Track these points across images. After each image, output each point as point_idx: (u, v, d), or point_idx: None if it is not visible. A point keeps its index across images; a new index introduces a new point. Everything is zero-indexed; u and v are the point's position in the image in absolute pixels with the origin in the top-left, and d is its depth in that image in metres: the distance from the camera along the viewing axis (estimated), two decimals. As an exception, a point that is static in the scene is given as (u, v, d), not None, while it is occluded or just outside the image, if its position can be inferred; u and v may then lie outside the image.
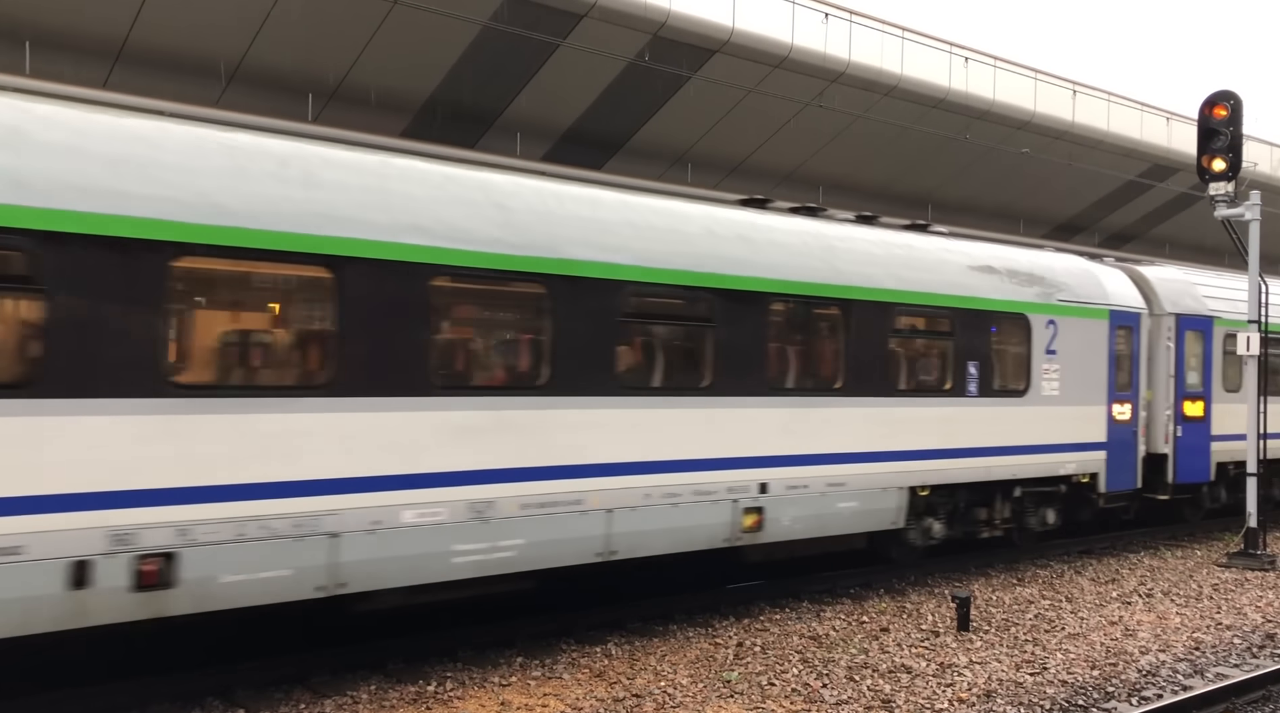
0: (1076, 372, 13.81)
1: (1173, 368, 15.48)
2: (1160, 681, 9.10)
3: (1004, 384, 12.97)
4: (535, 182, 9.71)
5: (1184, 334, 15.62)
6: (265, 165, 7.78)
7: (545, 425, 8.99)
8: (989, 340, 12.74)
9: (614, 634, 10.03)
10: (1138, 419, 14.73)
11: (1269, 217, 17.50)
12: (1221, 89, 15.03)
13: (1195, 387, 15.81)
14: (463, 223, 8.66)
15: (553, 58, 17.87)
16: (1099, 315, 14.27)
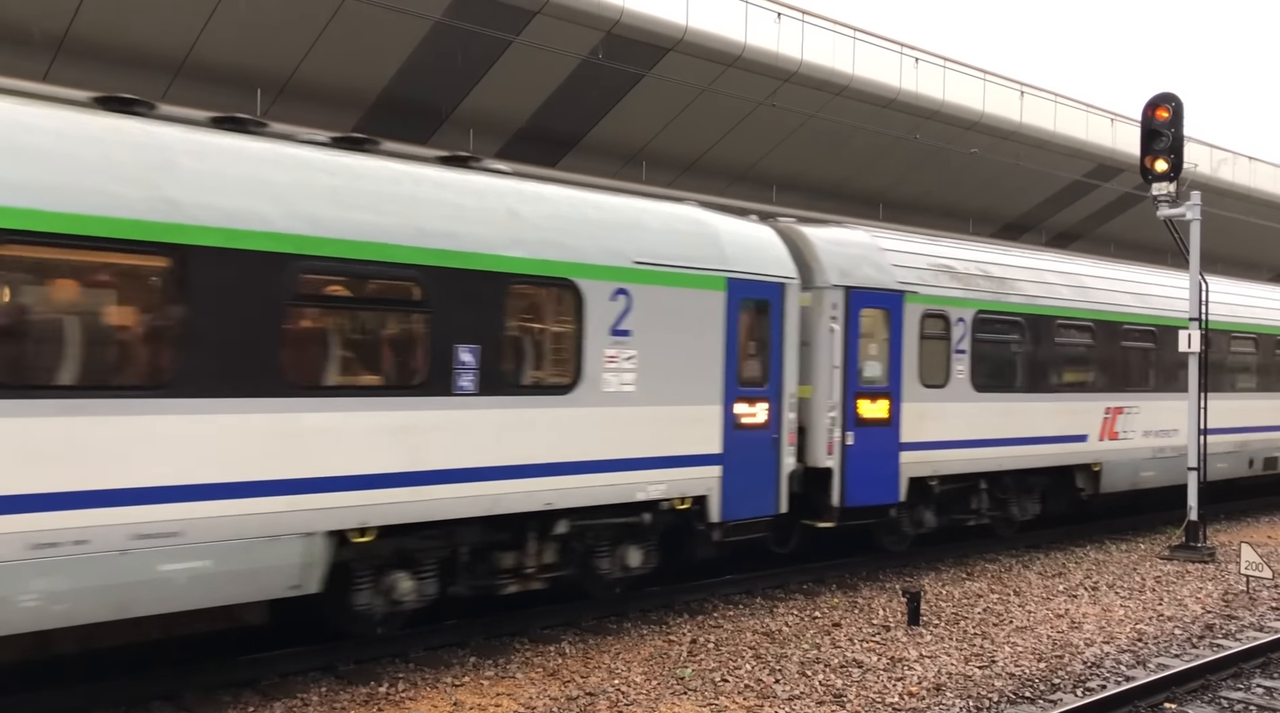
0: (669, 360, 10.15)
1: (839, 357, 12.00)
2: (1104, 672, 9.28)
3: (532, 377, 9.27)
4: None
5: (857, 313, 12.21)
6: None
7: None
8: (498, 314, 8.89)
9: (568, 633, 10.02)
10: (781, 423, 11.26)
11: (1209, 216, 17.89)
12: (1163, 91, 15.29)
13: (876, 381, 12.45)
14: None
15: (505, 54, 17.78)
16: (710, 285, 10.57)
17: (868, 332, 12.40)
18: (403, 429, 8.35)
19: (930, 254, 13.73)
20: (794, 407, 11.47)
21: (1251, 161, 31.96)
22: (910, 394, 12.75)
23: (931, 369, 13.11)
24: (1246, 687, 9.00)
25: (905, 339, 12.75)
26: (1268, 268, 37.76)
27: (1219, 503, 18.77)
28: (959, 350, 13.43)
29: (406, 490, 8.38)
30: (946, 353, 13.29)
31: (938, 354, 13.22)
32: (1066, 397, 14.89)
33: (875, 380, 12.43)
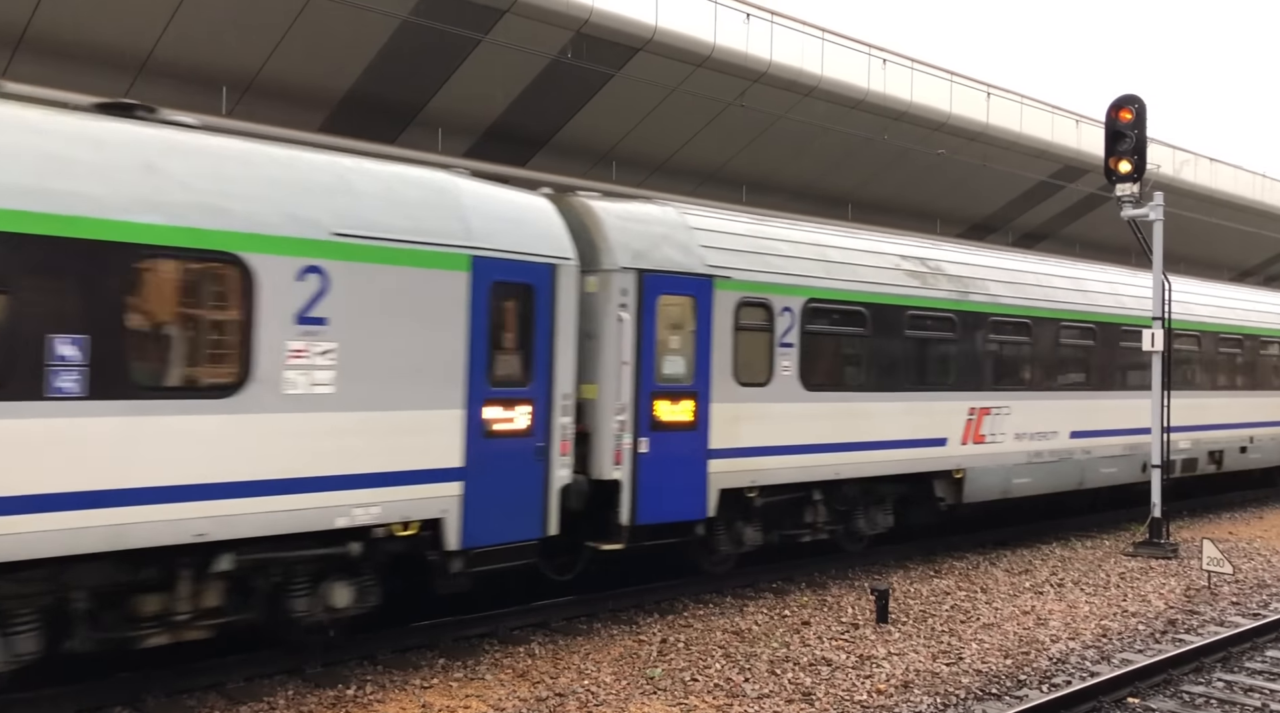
0: (386, 356, 8.42)
1: (630, 351, 10.25)
2: (1069, 668, 9.38)
3: (176, 377, 7.38)
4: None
5: (654, 300, 10.51)
6: None
7: None
8: (120, 297, 7.05)
9: (538, 634, 10.00)
10: (549, 429, 9.47)
11: (1171, 217, 18.13)
12: (1127, 93, 15.48)
13: (678, 379, 10.70)
14: None
15: (474, 53, 17.70)
16: (448, 264, 8.82)
17: (669, 322, 10.72)
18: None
19: (752, 234, 12.03)
20: (570, 410, 9.72)
21: (1213, 163, 32.42)
22: (722, 394, 11.12)
23: (750, 365, 11.45)
24: (1208, 681, 9.12)
25: (716, 331, 11.07)
26: (1228, 268, 38.32)
27: (1182, 500, 19.03)
28: (785, 344, 11.79)
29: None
30: (769, 347, 11.64)
31: (758, 348, 11.54)
32: (921, 396, 13.36)
33: (677, 378, 10.73)
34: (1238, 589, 12.81)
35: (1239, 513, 19.46)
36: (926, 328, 13.55)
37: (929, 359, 13.62)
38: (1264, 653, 10.02)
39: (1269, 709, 8.38)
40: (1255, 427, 19.66)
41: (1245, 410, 19.45)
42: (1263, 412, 19.81)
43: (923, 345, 13.55)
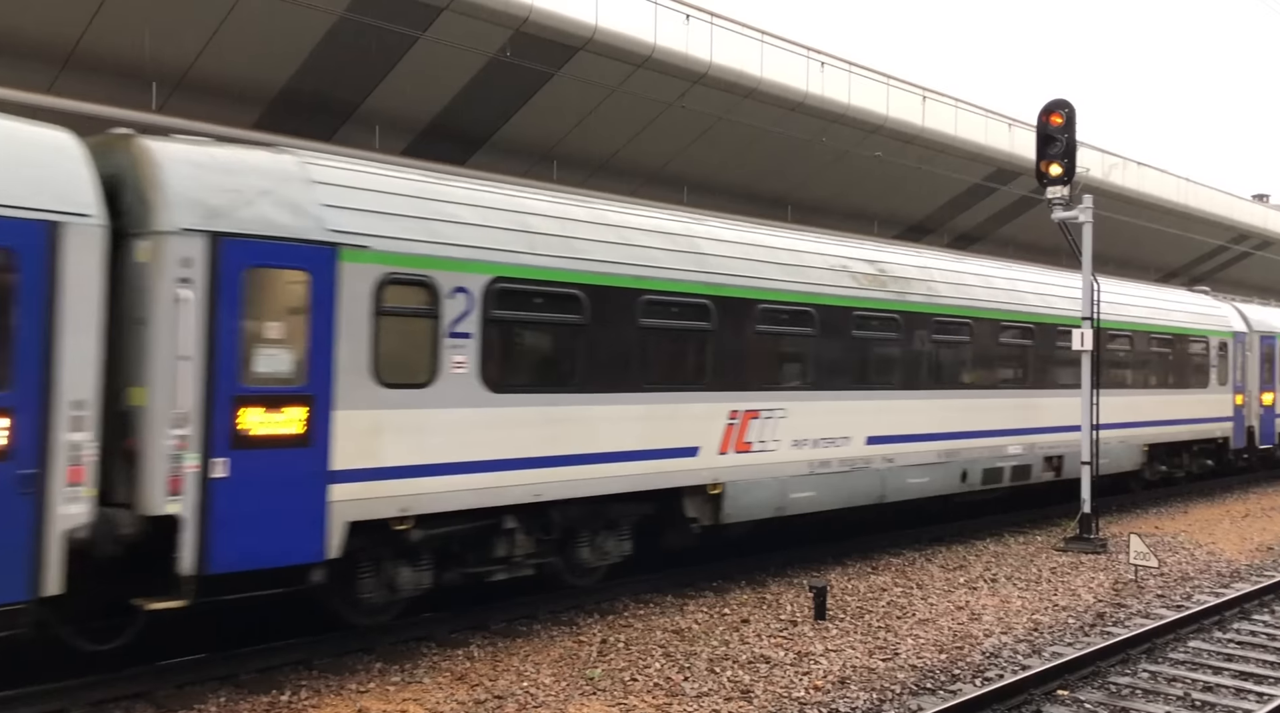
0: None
1: (194, 342, 7.79)
2: (1002, 661, 9.56)
3: None
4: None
5: (239, 274, 8.04)
6: None
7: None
8: None
9: (477, 636, 9.93)
10: (44, 450, 7.10)
11: (1100, 219, 18.55)
12: (1057, 98, 15.82)
13: (281, 379, 8.30)
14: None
15: (412, 51, 17.53)
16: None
17: (267, 304, 8.24)
18: None
19: (411, 193, 9.44)
20: (84, 422, 7.25)
21: (1140, 166, 33.29)
22: (354, 398, 8.60)
23: (402, 362, 9.02)
24: (1134, 672, 9.36)
25: (343, 316, 8.55)
26: (1155, 269, 39.37)
27: (1110, 496, 19.49)
28: (457, 334, 9.36)
29: None
30: (433, 338, 9.20)
31: (416, 340, 9.14)
32: (663, 398, 11.03)
33: (279, 379, 8.24)
34: (1163, 582, 13.16)
35: (1165, 508, 19.98)
36: (670, 316, 11.14)
37: (675, 354, 11.35)
38: (1186, 644, 10.31)
39: (1190, 698, 8.63)
40: (1104, 429, 17.65)
41: (1101, 412, 17.81)
42: (1112, 413, 17.79)
43: (665, 337, 11.16)
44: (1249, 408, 23.08)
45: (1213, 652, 10.09)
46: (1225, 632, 10.87)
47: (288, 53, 17.03)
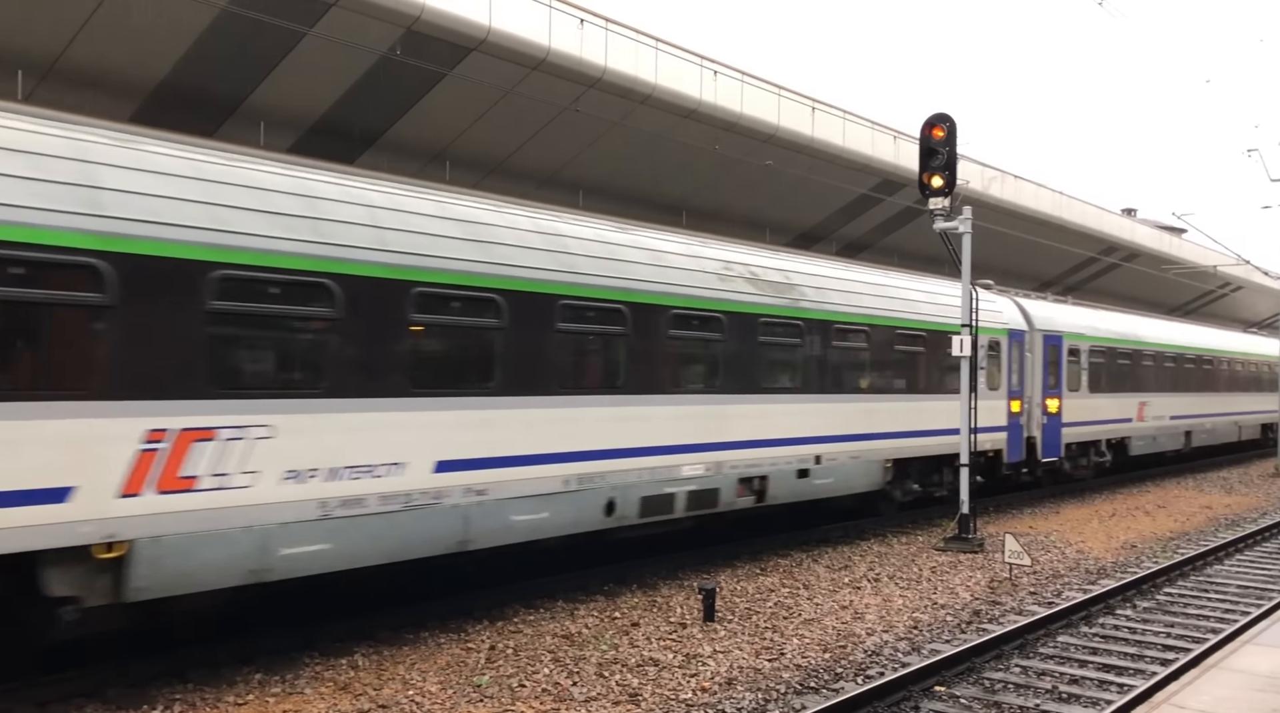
0: None
1: None
2: (883, 660, 9.81)
3: None
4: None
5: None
6: None
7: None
8: None
9: (362, 645, 9.72)
10: None
11: (980, 229, 19.23)
12: (940, 112, 16.32)
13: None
14: None
15: (299, 46, 17.10)
16: None
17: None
18: None
19: None
20: None
21: (1017, 180, 34.62)
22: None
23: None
24: (1006, 667, 9.71)
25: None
26: (1031, 278, 41.00)
27: (988, 496, 20.21)
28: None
29: None
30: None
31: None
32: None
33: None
34: (1035, 580, 13.69)
35: (1039, 508, 20.80)
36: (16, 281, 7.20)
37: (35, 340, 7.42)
38: (1056, 639, 10.75)
39: (1058, 691, 9.00)
40: (825, 442, 14.89)
41: (819, 421, 14.84)
42: (839, 422, 15.14)
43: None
44: (1028, 416, 20.63)
45: (1080, 646, 10.55)
46: (1091, 627, 11.37)
47: (167, 44, 16.43)
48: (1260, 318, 59.90)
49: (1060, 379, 21.83)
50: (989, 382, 18.97)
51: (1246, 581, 14.21)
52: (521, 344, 10.59)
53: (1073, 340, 22.69)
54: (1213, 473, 29.19)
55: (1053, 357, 21.65)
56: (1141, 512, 20.58)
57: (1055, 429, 21.61)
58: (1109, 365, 24.21)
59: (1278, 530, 18.53)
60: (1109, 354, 24.26)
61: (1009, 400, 19.81)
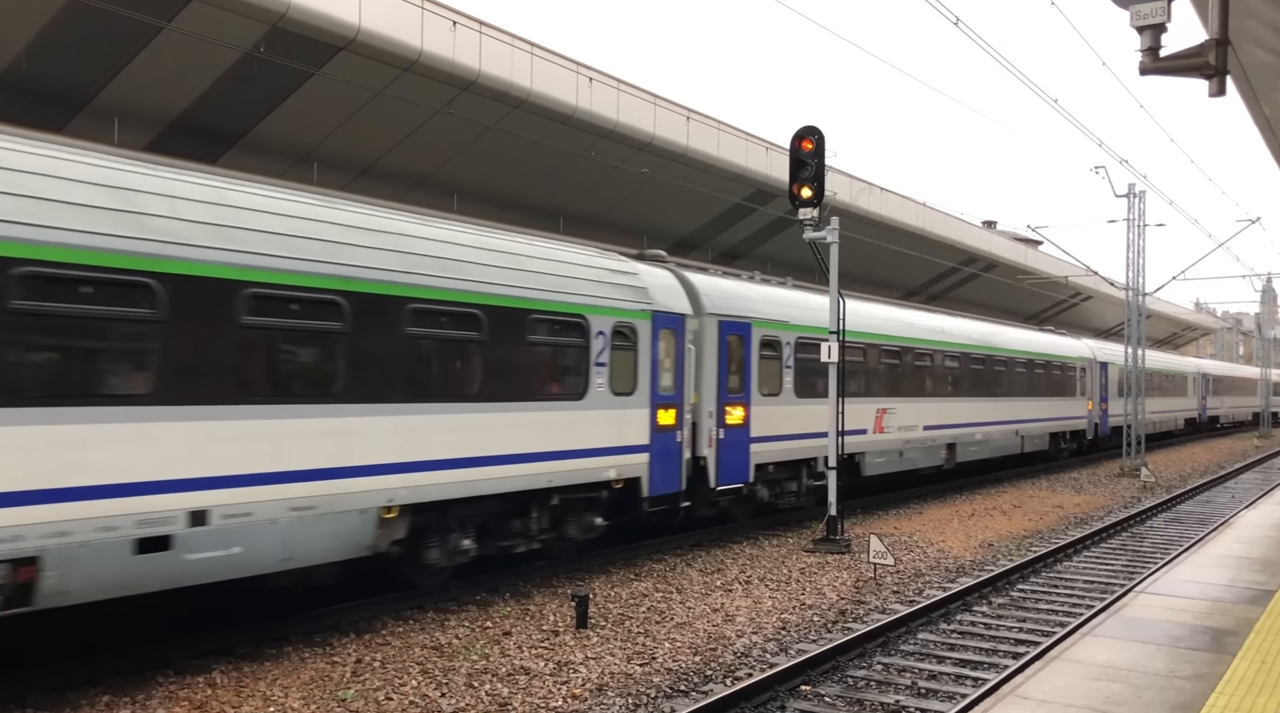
0: None
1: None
2: (752, 661, 9.97)
3: None
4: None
5: None
6: None
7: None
8: None
9: (220, 662, 9.36)
10: None
11: (848, 240, 19.80)
12: (809, 125, 16.74)
13: None
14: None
15: (157, 40, 16.41)
16: None
17: None
18: None
19: None
20: None
21: (883, 192, 35.81)
22: None
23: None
24: (869, 665, 10.00)
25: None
26: (898, 287, 42.45)
27: (856, 498, 20.80)
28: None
29: None
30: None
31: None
32: None
33: None
34: (899, 579, 14.14)
35: (904, 509, 21.51)
36: None
37: None
38: (916, 636, 11.12)
39: (918, 687, 9.31)
40: (520, 463, 11.99)
41: (524, 435, 12.08)
42: (535, 437, 12.26)
43: None
44: (695, 431, 15.43)
45: (939, 642, 10.94)
46: (950, 623, 11.82)
47: (9, 33, 15.54)
48: (1108, 326, 63.43)
49: (748, 380, 16.63)
50: (614, 384, 13.55)
51: (1092, 576, 15.00)
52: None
53: (769, 329, 17.33)
54: (1065, 474, 30.70)
55: (735, 351, 16.33)
56: (999, 512, 21.50)
57: (739, 446, 16.26)
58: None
59: (1121, 528, 19.63)
60: (852, 350, 19.47)
61: (654, 410, 14.25)
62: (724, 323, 16.18)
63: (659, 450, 14.45)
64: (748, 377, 16.76)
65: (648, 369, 14.28)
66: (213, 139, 19.06)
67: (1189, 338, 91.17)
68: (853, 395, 19.26)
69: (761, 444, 17.00)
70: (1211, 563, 11.64)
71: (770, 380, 17.46)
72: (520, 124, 21.85)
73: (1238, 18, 8.44)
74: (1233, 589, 10.13)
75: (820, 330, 17.91)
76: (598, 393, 13.29)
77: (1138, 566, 15.72)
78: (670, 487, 14.74)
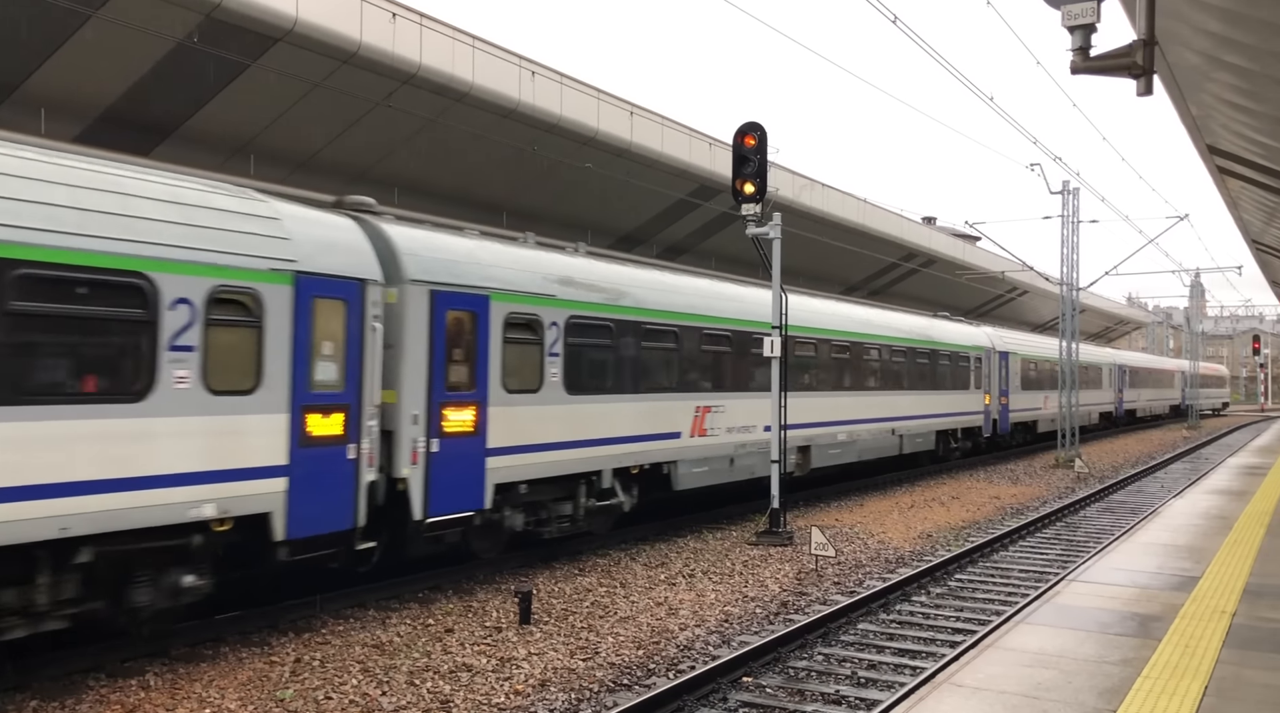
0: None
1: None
2: (695, 653, 10.03)
3: None
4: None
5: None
6: None
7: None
8: None
9: (155, 664, 9.20)
10: None
11: (790, 235, 19.95)
12: (752, 121, 16.84)
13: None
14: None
15: (84, 29, 15.98)
16: None
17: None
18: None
19: None
20: None
21: (825, 188, 36.13)
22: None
23: None
24: (810, 655, 10.11)
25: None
26: (839, 282, 42.90)
27: (798, 491, 20.99)
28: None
29: None
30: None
31: None
32: None
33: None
34: (839, 570, 14.31)
35: (845, 501, 21.76)
36: None
37: None
38: (856, 626, 11.27)
39: (857, 677, 9.43)
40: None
41: None
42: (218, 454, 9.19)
43: None
44: (396, 445, 11.40)
45: (878, 632, 11.10)
46: (889, 613, 11.99)
47: (-68, 19, 15.05)
48: (1044, 320, 64.73)
49: (482, 373, 12.51)
50: (213, 377, 9.40)
51: (1027, 565, 15.32)
52: None
53: (521, 305, 13.11)
54: (1002, 465, 31.29)
55: (461, 332, 12.36)
56: (938, 503, 21.85)
57: (465, 462, 12.26)
58: (620, 350, 15.04)
59: (1055, 518, 20.07)
60: (616, 331, 14.94)
61: (298, 415, 10.15)
62: (440, 294, 11.96)
63: (308, 473, 10.14)
64: (482, 368, 12.46)
65: (284, 356, 10.00)
66: (145, 131, 18.63)
67: (1122, 332, 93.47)
68: (659, 390, 15.86)
69: (507, 457, 12.74)
70: (1141, 551, 11.95)
71: (524, 373, 13.16)
72: (462, 118, 21.67)
73: (1165, 19, 8.65)
74: (1160, 576, 10.41)
75: (604, 308, 14.64)
76: (176, 391, 8.98)
77: (1071, 555, 16.09)
78: (334, 523, 10.45)
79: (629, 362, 15.30)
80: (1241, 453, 30.01)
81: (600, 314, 14.68)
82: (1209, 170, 15.78)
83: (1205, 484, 20.12)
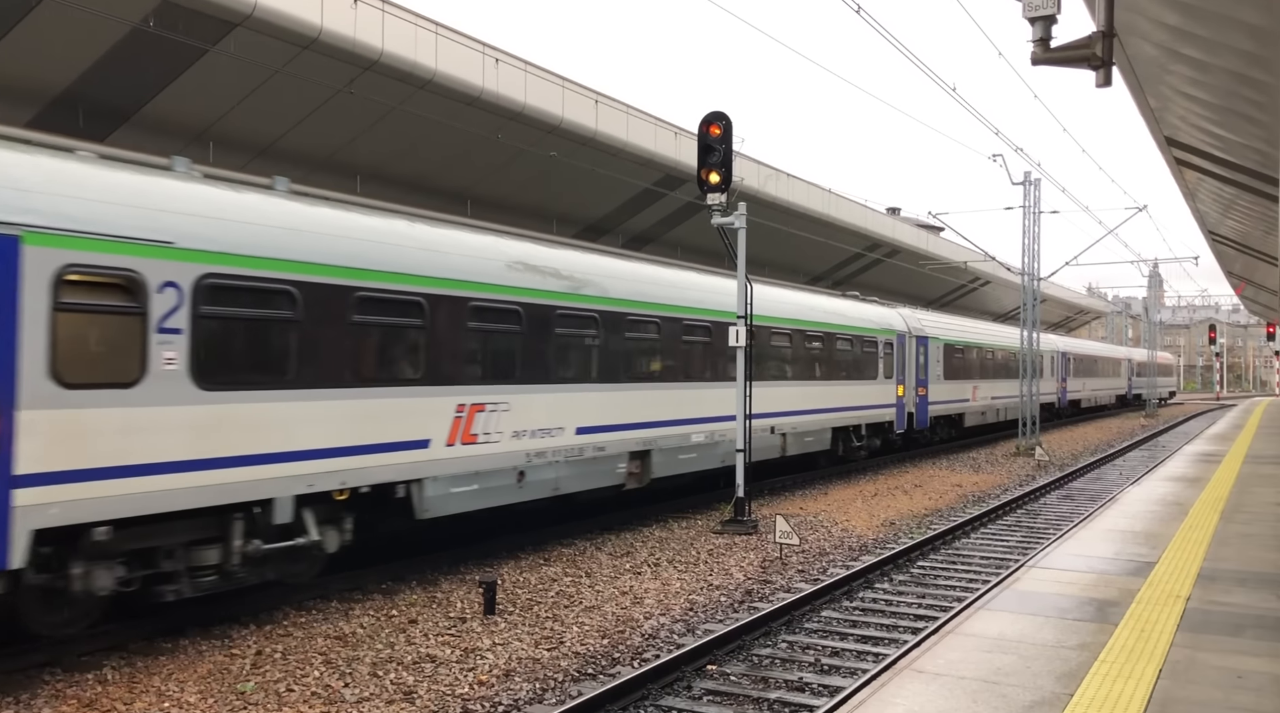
0: None
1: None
2: (660, 642, 10.04)
3: None
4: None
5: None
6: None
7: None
8: None
9: (113, 657, 9.07)
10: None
11: (756, 226, 19.99)
12: (717, 110, 16.82)
13: None
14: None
15: (36, 12, 15.66)
16: None
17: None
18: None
19: None
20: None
21: (790, 178, 36.24)
22: None
23: None
24: (774, 643, 10.17)
25: None
26: (804, 272, 43.06)
27: (763, 479, 21.09)
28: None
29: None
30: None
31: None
32: None
33: None
34: (804, 558, 14.39)
35: (809, 490, 21.88)
36: None
37: None
38: (820, 614, 11.34)
39: (821, 664, 9.50)
40: None
41: None
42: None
43: None
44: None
45: (842, 619, 11.18)
46: (853, 600, 12.08)
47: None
48: (1006, 310, 65.41)
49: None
50: None
51: (988, 552, 15.49)
52: None
53: (88, 252, 8.48)
54: (964, 454, 31.61)
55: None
56: (901, 491, 22.03)
57: None
58: (307, 326, 10.41)
59: (1016, 505, 20.31)
60: (305, 298, 10.33)
61: None
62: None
63: None
64: None
65: None
66: (100, 117, 18.30)
67: (1082, 321, 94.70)
68: (393, 382, 11.46)
69: (62, 488, 8.26)
70: (1099, 537, 12.12)
71: (108, 358, 8.76)
72: (425, 105, 21.49)
73: (1124, 12, 8.74)
74: (1117, 562, 10.56)
75: (258, 263, 9.84)
76: None
77: (1031, 541, 16.29)
78: None
79: (328, 344, 10.59)
80: (1197, 440, 30.53)
81: (254, 273, 9.84)
82: (1167, 162, 15.99)
83: (1162, 471, 20.45)
